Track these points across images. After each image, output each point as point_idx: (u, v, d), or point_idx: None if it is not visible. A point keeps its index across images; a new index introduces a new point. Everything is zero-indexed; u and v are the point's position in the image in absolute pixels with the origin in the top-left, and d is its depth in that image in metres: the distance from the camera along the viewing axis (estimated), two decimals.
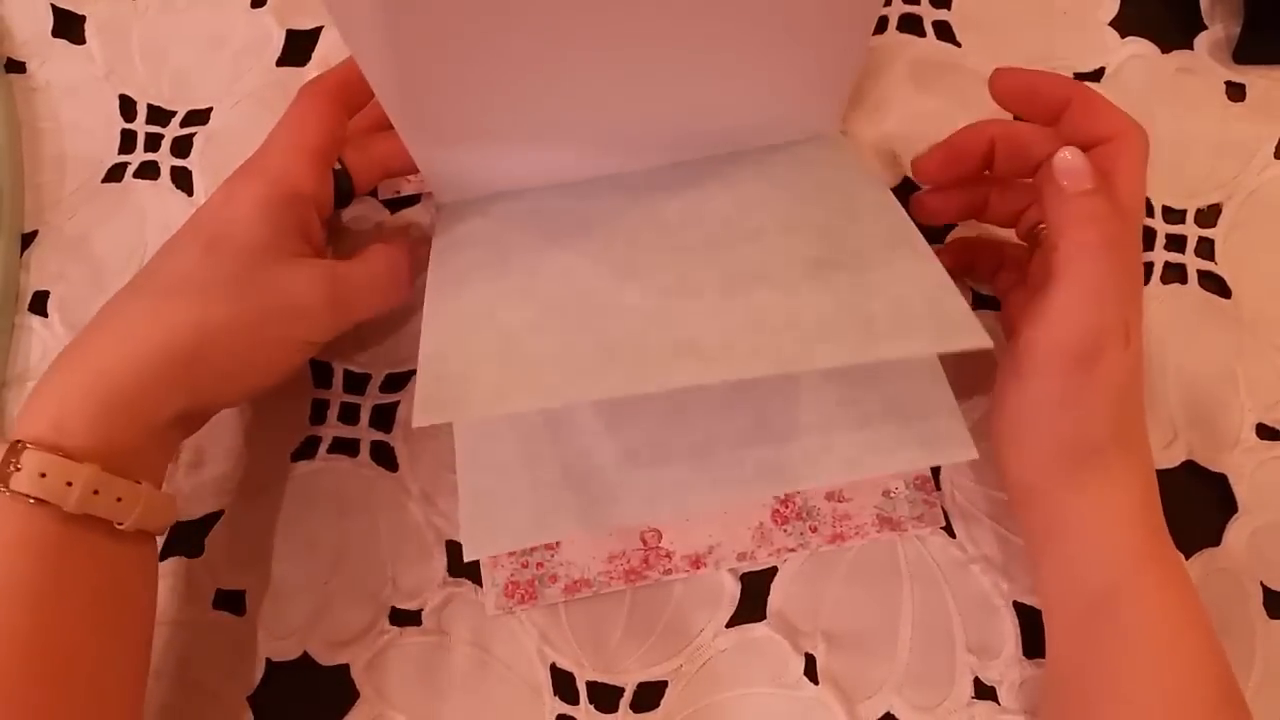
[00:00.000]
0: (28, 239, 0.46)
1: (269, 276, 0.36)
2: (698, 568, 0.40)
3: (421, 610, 0.41)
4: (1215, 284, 0.44)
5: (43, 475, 0.32)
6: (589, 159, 0.44)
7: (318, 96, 0.39)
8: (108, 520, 0.34)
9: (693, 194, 0.41)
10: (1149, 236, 0.44)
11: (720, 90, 0.42)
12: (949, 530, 0.41)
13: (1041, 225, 0.39)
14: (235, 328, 0.36)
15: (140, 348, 0.34)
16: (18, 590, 0.32)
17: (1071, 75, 0.46)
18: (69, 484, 0.32)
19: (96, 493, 0.33)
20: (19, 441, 0.33)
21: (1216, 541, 0.41)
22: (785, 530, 0.40)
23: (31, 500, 0.32)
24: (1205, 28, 0.47)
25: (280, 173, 0.37)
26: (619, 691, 0.40)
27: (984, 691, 0.39)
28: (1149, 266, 0.44)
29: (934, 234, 0.44)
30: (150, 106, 0.48)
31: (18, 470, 0.32)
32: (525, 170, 0.44)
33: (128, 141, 0.47)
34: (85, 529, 0.33)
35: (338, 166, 0.40)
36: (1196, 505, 0.41)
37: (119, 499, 0.34)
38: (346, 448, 0.43)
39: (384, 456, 0.43)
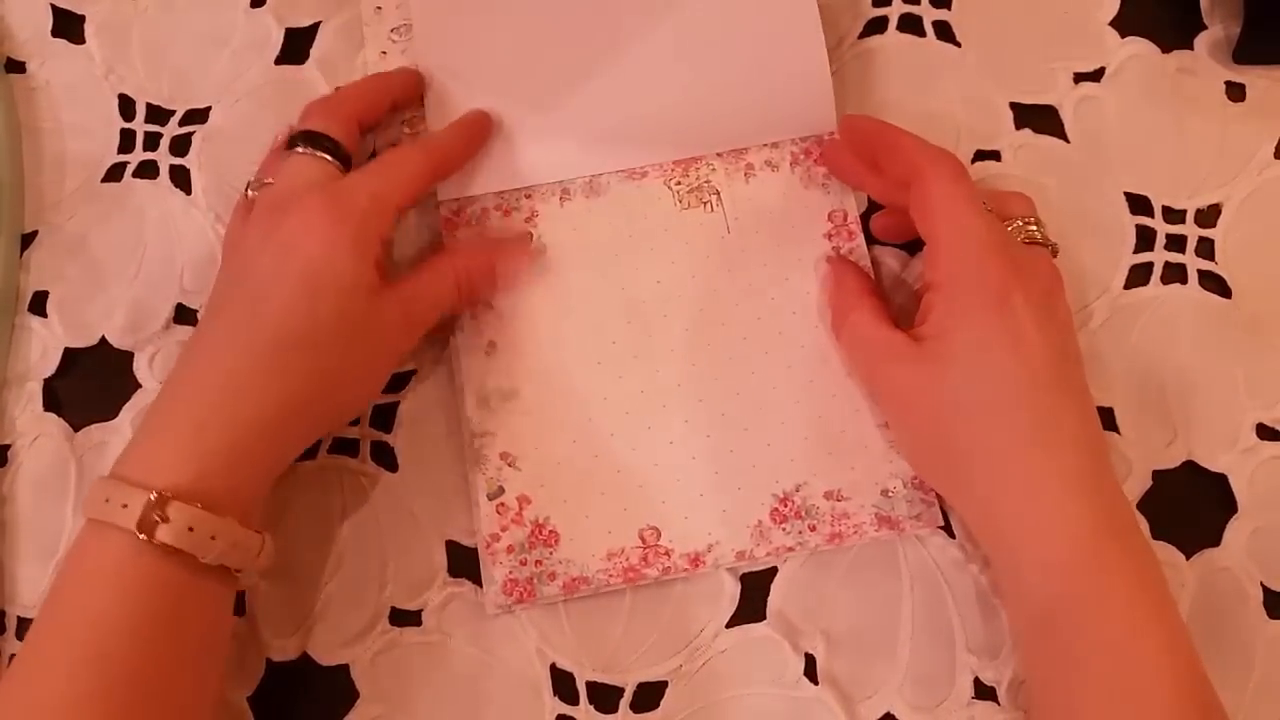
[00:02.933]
0: (27, 239, 0.46)
1: (367, 317, 0.38)
2: (696, 566, 0.40)
3: (421, 610, 0.41)
4: (1215, 284, 0.44)
5: (190, 529, 0.34)
6: (591, 156, 0.44)
7: (416, 157, 0.41)
8: (230, 568, 0.36)
9: None
10: (1149, 236, 0.44)
11: (713, 92, 0.44)
12: (948, 530, 0.41)
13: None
14: (346, 369, 0.38)
15: (269, 401, 0.36)
16: (139, 629, 0.34)
17: (1072, 75, 0.46)
18: (212, 538, 0.34)
19: (234, 546, 0.35)
20: (164, 494, 0.34)
21: (1216, 541, 0.41)
22: (784, 529, 0.40)
23: (168, 547, 0.33)
24: (1205, 28, 0.47)
25: (372, 221, 0.39)
26: (619, 691, 0.40)
27: (984, 691, 0.39)
28: (1149, 267, 0.44)
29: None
30: (149, 106, 0.48)
31: (164, 522, 0.33)
32: (529, 166, 0.44)
33: (127, 141, 0.47)
34: (210, 576, 0.35)
35: None
36: (1196, 505, 0.41)
37: (247, 550, 0.36)
38: (346, 448, 0.43)
39: (384, 456, 0.43)
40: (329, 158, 0.40)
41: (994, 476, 0.36)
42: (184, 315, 0.44)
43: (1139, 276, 0.44)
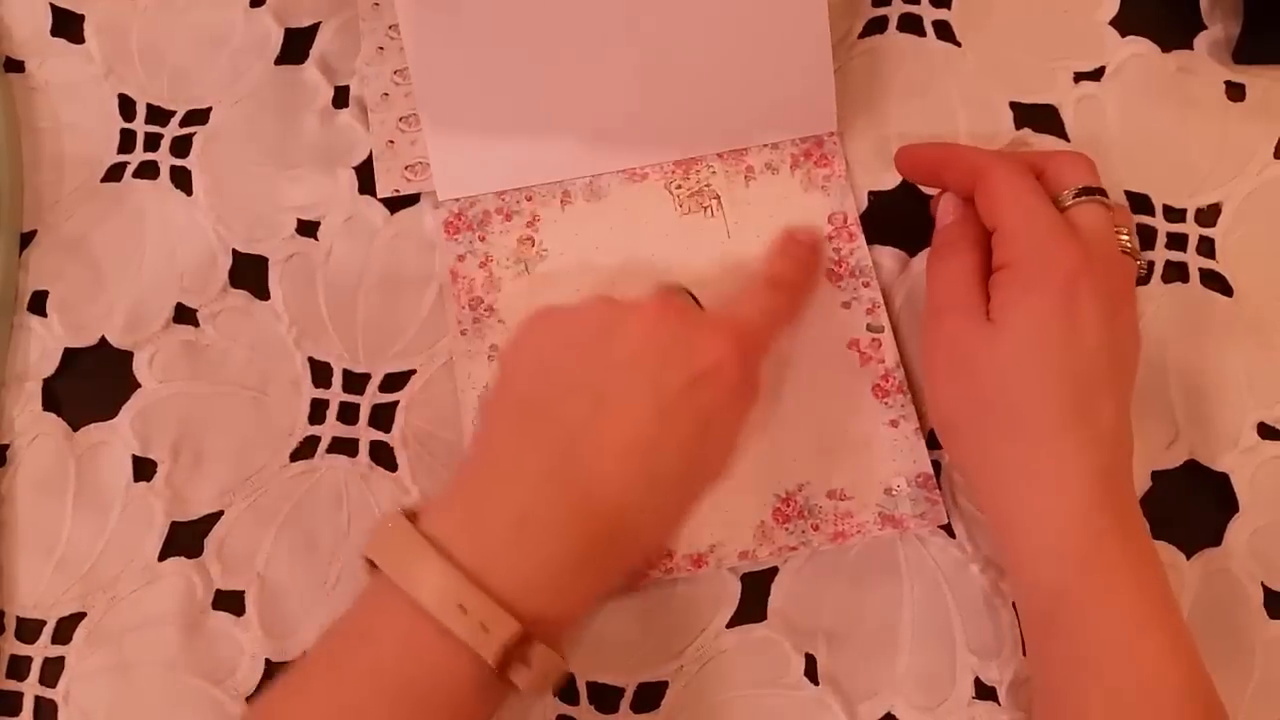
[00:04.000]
0: (27, 238, 0.46)
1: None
2: (699, 566, 0.40)
3: None
4: (1217, 283, 0.44)
5: (544, 676, 0.32)
6: (591, 155, 0.44)
7: (784, 304, 0.40)
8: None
9: None
10: (1149, 235, 0.44)
11: (714, 91, 0.44)
12: (949, 530, 0.41)
13: None
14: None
15: (636, 542, 0.35)
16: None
17: (1072, 75, 0.46)
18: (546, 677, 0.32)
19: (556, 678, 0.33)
20: (530, 633, 0.31)
21: (1217, 541, 0.41)
22: (787, 529, 0.40)
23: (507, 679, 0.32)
24: (1205, 28, 0.47)
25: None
26: (619, 691, 0.40)
27: (984, 691, 0.39)
28: (1150, 266, 0.44)
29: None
30: (150, 106, 0.48)
31: (524, 665, 0.31)
32: (529, 165, 0.44)
33: (127, 141, 0.47)
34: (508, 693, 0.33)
35: None
36: (1197, 505, 0.41)
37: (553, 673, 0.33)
38: (345, 447, 0.43)
39: (383, 456, 0.42)
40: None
41: (1017, 458, 0.35)
42: (184, 315, 0.44)
43: (1140, 275, 0.44)
